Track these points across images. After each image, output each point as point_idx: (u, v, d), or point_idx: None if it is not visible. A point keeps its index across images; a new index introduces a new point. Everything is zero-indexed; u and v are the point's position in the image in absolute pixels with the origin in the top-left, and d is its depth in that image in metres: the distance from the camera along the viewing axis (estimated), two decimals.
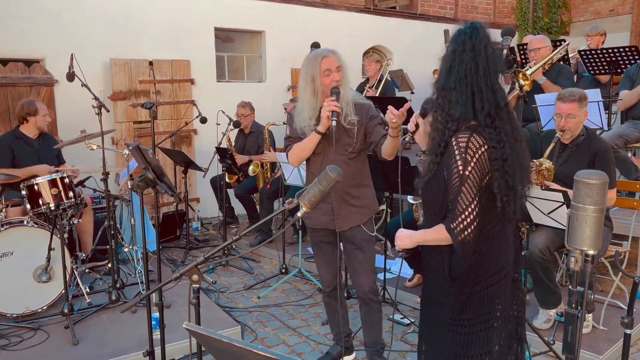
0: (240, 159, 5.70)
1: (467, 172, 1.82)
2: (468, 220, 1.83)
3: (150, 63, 6.27)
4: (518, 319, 2.05)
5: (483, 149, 1.83)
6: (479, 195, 1.84)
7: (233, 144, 6.02)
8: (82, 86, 3.81)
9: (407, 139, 2.33)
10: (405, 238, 2.05)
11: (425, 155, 2.09)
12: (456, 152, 1.83)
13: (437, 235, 1.93)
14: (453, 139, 1.85)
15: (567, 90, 3.37)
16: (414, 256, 2.23)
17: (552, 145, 3.30)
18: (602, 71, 5.01)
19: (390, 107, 2.41)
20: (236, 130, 5.96)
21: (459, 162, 1.82)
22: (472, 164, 1.82)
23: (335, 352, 3.18)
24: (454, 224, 1.85)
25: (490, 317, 1.94)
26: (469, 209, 1.83)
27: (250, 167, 5.58)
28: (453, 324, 1.97)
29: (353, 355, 3.25)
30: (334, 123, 2.59)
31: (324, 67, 2.65)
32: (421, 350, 2.19)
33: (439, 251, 1.99)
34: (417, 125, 2.26)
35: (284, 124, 5.49)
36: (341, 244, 2.91)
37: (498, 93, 1.86)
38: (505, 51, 4.63)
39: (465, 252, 1.88)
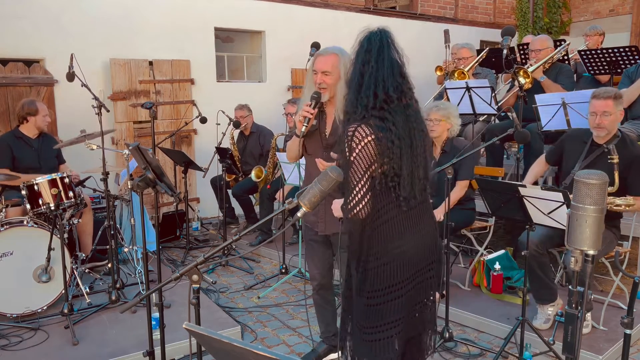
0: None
1: (352, 158, 2.03)
2: (355, 200, 2.04)
3: (150, 63, 6.27)
4: (423, 306, 2.24)
5: (369, 139, 2.01)
6: (369, 180, 2.05)
7: (235, 144, 6.01)
8: (82, 86, 3.81)
9: None
10: (334, 208, 2.27)
11: None
12: (345, 140, 2.06)
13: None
14: (345, 132, 2.07)
15: (602, 88, 3.35)
16: None
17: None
18: (602, 71, 5.01)
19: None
20: (237, 131, 5.97)
21: (347, 150, 2.04)
22: (357, 151, 2.02)
23: (321, 349, 3.21)
24: (345, 204, 2.08)
25: (385, 294, 2.12)
26: (355, 190, 2.04)
27: (253, 173, 5.55)
28: (357, 294, 2.18)
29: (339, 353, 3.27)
30: (303, 129, 2.63)
31: (314, 67, 2.66)
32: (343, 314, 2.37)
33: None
34: None
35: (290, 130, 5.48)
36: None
37: (391, 88, 2.05)
38: (505, 51, 4.66)
39: (353, 229, 2.12)
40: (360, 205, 2.04)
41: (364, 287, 2.14)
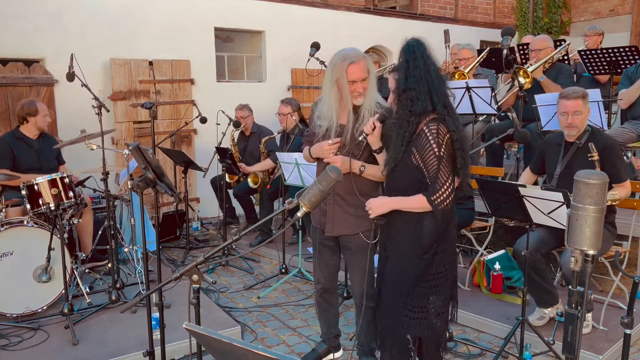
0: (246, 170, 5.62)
1: (441, 153, 2.22)
2: (447, 192, 2.24)
3: (150, 63, 6.27)
4: (454, 282, 2.51)
5: (448, 136, 2.24)
6: (453, 173, 2.26)
7: (236, 144, 6.01)
8: (82, 86, 3.81)
9: (361, 138, 2.52)
10: (381, 205, 2.39)
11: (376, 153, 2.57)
12: (430, 137, 2.23)
13: (417, 204, 2.29)
14: (425, 128, 2.25)
15: (570, 88, 3.40)
16: None
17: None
18: (602, 71, 5.01)
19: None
20: (238, 131, 5.96)
21: (434, 146, 2.22)
22: (444, 146, 2.23)
23: (321, 349, 3.22)
24: (435, 196, 2.24)
25: (441, 276, 2.36)
26: (447, 183, 2.24)
27: (249, 180, 5.53)
28: (417, 281, 2.34)
29: (340, 353, 3.28)
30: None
31: (350, 77, 2.60)
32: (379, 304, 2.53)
33: (414, 220, 2.32)
34: (374, 129, 2.49)
35: (291, 133, 5.47)
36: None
37: (447, 88, 2.32)
38: (505, 51, 4.66)
39: (434, 219, 2.27)
40: (451, 197, 2.25)
41: (428, 272, 2.33)
